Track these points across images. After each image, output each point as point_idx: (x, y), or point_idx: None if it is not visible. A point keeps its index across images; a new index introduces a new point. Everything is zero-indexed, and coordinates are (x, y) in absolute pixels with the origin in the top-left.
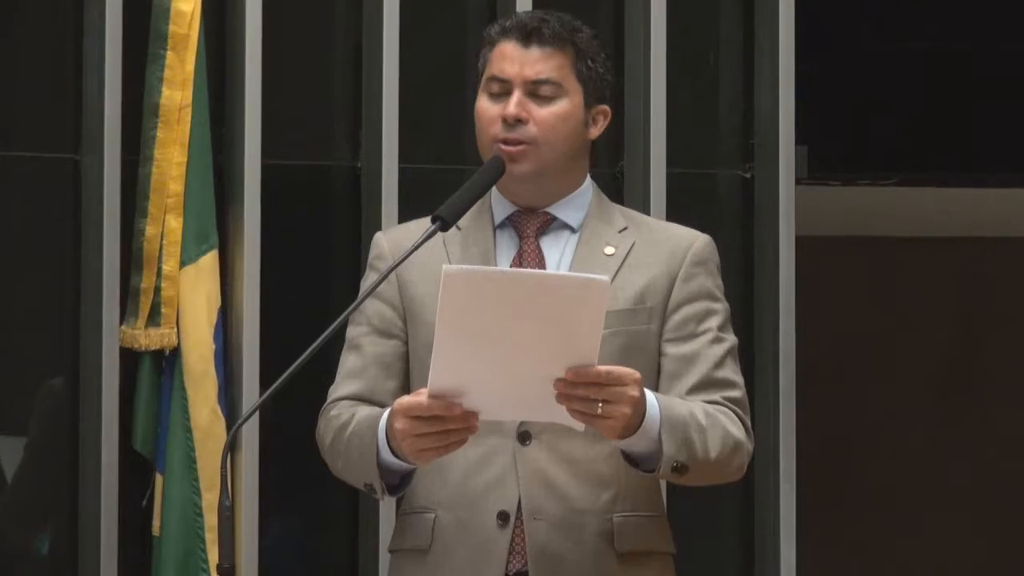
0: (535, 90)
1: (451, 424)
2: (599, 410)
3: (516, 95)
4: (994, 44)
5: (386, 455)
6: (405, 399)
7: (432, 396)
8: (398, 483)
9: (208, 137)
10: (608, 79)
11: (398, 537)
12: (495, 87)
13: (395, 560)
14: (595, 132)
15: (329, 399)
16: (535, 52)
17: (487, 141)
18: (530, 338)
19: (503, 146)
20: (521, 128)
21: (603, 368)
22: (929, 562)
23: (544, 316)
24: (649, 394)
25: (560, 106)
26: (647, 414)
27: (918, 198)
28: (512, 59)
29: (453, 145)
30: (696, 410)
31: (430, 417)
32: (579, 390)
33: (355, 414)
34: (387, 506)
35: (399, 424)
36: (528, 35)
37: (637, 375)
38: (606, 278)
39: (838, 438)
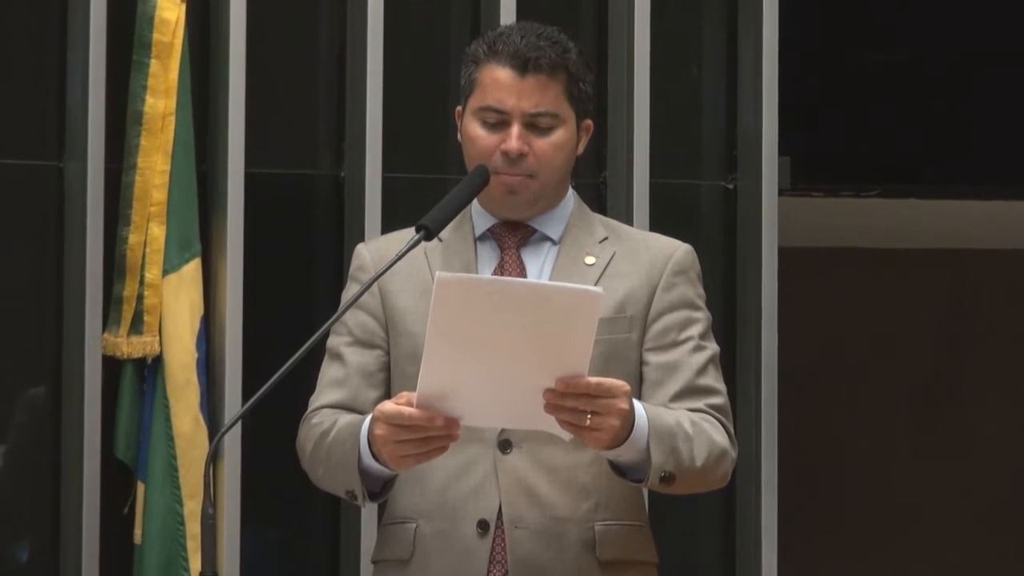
0: (533, 121)
1: (432, 432)
2: (588, 421)
3: (516, 129)
4: (977, 56)
5: (368, 460)
6: (388, 406)
7: (420, 401)
8: (379, 490)
9: (192, 145)
10: (592, 93)
11: (380, 548)
12: (491, 117)
13: (378, 571)
14: (581, 148)
15: (310, 408)
16: (531, 81)
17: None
18: (520, 347)
19: (503, 178)
20: (522, 162)
21: (593, 380)
22: (910, 573)
23: (535, 326)
24: (637, 404)
25: (558, 136)
26: (635, 424)
27: (901, 210)
28: (508, 90)
29: (436, 155)
30: (682, 419)
31: (411, 425)
32: (568, 401)
33: (337, 421)
34: (368, 515)
35: (379, 430)
36: (524, 64)
37: (627, 387)
38: (599, 290)
39: (820, 449)
